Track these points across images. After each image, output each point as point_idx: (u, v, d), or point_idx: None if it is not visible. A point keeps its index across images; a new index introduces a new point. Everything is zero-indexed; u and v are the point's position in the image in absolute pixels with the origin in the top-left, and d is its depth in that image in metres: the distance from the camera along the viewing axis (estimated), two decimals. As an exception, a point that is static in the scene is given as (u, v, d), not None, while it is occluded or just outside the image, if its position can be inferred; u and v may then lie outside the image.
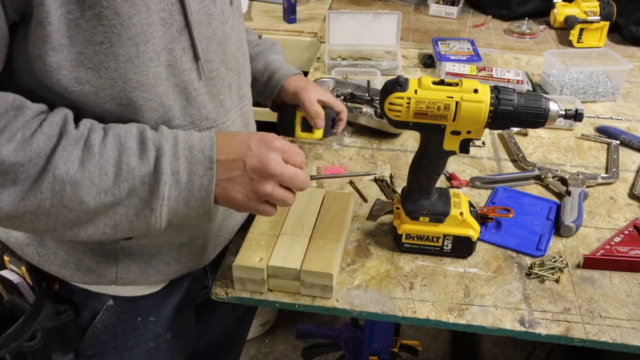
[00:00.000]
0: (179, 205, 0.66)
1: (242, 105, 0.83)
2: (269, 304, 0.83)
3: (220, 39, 0.74)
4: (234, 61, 0.78)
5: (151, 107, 0.68)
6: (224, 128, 0.78)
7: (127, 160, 0.63)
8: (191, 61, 0.70)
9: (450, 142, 0.82)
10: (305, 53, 1.76)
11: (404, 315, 0.80)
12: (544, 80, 1.47)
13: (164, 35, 0.65)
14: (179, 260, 0.83)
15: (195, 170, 0.65)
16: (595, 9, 1.69)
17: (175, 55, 0.68)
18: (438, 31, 1.84)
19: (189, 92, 0.71)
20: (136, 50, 0.63)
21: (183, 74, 0.69)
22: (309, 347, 1.49)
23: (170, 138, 0.66)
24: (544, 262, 0.89)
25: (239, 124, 0.83)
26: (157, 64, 0.66)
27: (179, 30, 0.67)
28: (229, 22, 0.76)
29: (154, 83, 0.66)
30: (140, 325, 0.86)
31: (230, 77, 0.78)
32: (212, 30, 0.72)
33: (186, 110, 0.72)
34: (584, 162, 1.17)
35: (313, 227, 0.88)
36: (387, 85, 0.80)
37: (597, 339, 0.77)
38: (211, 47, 0.72)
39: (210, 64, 0.73)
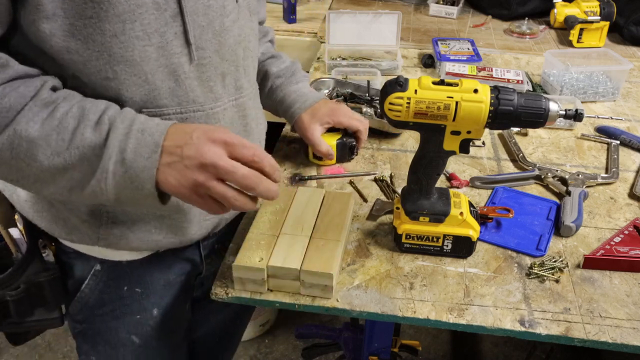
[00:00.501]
0: (125, 183, 0.69)
1: (239, 97, 0.86)
2: (269, 304, 0.83)
3: (217, 30, 0.78)
4: (231, 53, 0.82)
5: (136, 82, 0.73)
6: (211, 114, 0.81)
7: (83, 130, 0.67)
8: (182, 46, 0.75)
9: (450, 142, 0.82)
10: (305, 53, 1.76)
11: (404, 315, 0.80)
12: (544, 80, 1.47)
13: (157, 18, 0.71)
14: (160, 230, 0.85)
15: (141, 152, 0.68)
16: (595, 9, 1.69)
17: (167, 39, 0.73)
18: (438, 31, 1.84)
19: (178, 74, 0.76)
20: (122, 27, 0.68)
21: (173, 57, 0.74)
22: (309, 347, 1.49)
23: (127, 118, 0.70)
24: (544, 262, 0.89)
25: (233, 114, 0.86)
26: (146, 44, 0.71)
27: (173, 16, 0.72)
28: (231, 17, 0.80)
29: (139, 60, 0.72)
30: (126, 295, 0.90)
31: (224, 66, 0.82)
32: (208, 20, 0.76)
33: (174, 92, 0.76)
34: (584, 162, 1.17)
35: (313, 227, 0.88)
36: (387, 85, 0.80)
37: (597, 339, 0.77)
38: (205, 35, 0.77)
39: (203, 51, 0.77)
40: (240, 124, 0.88)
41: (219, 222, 0.94)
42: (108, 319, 0.92)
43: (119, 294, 0.90)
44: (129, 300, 0.91)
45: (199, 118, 0.80)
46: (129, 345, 0.94)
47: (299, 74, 1.13)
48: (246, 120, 0.90)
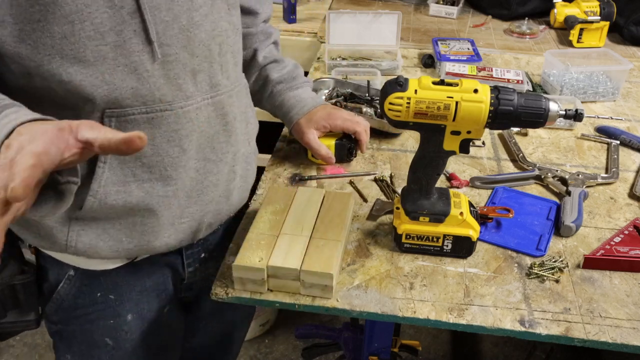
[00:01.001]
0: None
1: (215, 95, 0.83)
2: (269, 304, 0.83)
3: (185, 25, 0.75)
4: (203, 49, 0.79)
5: (93, 83, 0.71)
6: (182, 113, 0.78)
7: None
8: (143, 43, 0.72)
9: (450, 142, 0.82)
10: (305, 53, 1.76)
11: (404, 315, 0.80)
12: (544, 80, 1.47)
13: (112, 16, 0.69)
14: (131, 239, 0.83)
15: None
16: (595, 9, 1.69)
17: (124, 37, 0.70)
18: (438, 31, 1.84)
19: (140, 73, 0.73)
20: (71, 28, 0.67)
21: (132, 55, 0.72)
22: (309, 347, 1.49)
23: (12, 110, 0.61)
24: (544, 262, 0.89)
25: (210, 113, 0.83)
26: (100, 43, 0.69)
27: (131, 13, 0.70)
28: (201, 11, 0.77)
29: (93, 60, 0.70)
30: (99, 301, 0.90)
31: (194, 63, 0.78)
32: (173, 15, 0.74)
33: (137, 91, 0.74)
34: (584, 162, 1.17)
35: (313, 227, 0.88)
36: (387, 85, 0.80)
37: (597, 339, 0.77)
38: (170, 31, 0.74)
39: (168, 47, 0.75)
40: (218, 123, 0.85)
41: (199, 227, 0.89)
42: (82, 321, 0.91)
43: (93, 299, 0.89)
44: (102, 305, 0.90)
45: (168, 117, 0.77)
46: (103, 348, 0.93)
47: (300, 79, 1.12)
48: (226, 119, 0.86)
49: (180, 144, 0.80)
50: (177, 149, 0.80)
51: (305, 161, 1.14)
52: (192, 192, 0.85)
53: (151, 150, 0.78)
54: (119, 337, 0.93)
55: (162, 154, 0.78)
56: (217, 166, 0.87)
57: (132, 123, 0.75)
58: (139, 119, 0.75)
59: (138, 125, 0.76)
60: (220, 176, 0.88)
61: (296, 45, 1.77)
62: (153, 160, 0.78)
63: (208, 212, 0.89)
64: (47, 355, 2.02)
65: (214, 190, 0.88)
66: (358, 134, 1.09)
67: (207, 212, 0.89)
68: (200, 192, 0.86)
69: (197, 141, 0.82)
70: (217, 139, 0.85)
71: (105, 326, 0.92)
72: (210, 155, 0.85)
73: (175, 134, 0.79)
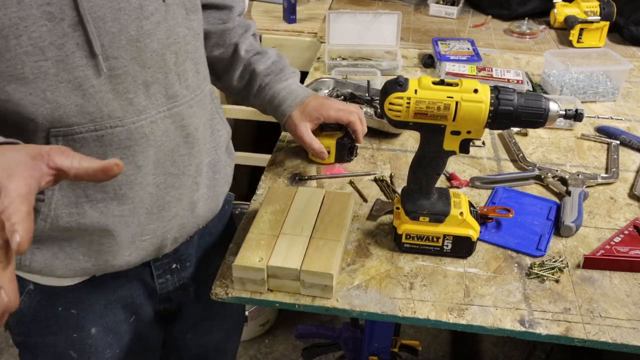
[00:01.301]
0: None
1: (172, 106, 0.79)
2: (269, 304, 0.83)
3: (133, 35, 0.71)
4: (156, 59, 0.75)
5: (34, 102, 0.67)
6: (134, 129, 0.75)
7: None
8: (87, 57, 0.68)
9: (450, 142, 0.82)
10: (305, 53, 1.76)
11: (404, 315, 0.80)
12: (544, 80, 1.47)
13: (51, 30, 0.65)
14: (88, 257, 0.80)
15: None
16: (595, 9, 1.69)
17: (67, 51, 0.67)
18: (438, 31, 1.84)
19: (85, 88, 0.69)
20: (5, 43, 0.63)
21: (76, 70, 0.68)
22: (309, 347, 1.49)
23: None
24: (544, 262, 0.89)
25: (167, 126, 0.79)
26: (39, 59, 0.65)
27: (72, 25, 0.66)
28: (153, 19, 0.73)
29: (33, 77, 0.66)
30: (61, 315, 0.86)
31: (147, 75, 0.74)
32: (120, 25, 0.70)
33: (83, 108, 0.70)
34: (584, 162, 1.17)
35: (313, 227, 0.88)
36: (387, 85, 0.80)
37: (597, 339, 0.77)
38: (117, 43, 0.70)
39: (115, 60, 0.71)
40: (178, 136, 0.81)
41: (163, 243, 0.86)
42: (44, 333, 0.88)
43: (54, 312, 0.86)
44: (64, 319, 0.87)
45: (119, 134, 0.73)
46: (67, 359, 0.90)
47: (287, 70, 1.08)
48: (187, 131, 0.82)
49: (135, 161, 0.76)
50: (131, 166, 0.76)
51: (305, 161, 1.14)
52: (153, 208, 0.81)
53: None
54: (84, 350, 0.90)
55: None
56: (179, 180, 0.83)
57: (80, 142, 0.71)
58: (88, 137, 0.72)
59: (87, 144, 0.72)
60: (184, 190, 0.85)
61: (296, 45, 1.77)
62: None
63: (172, 227, 0.86)
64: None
65: (177, 204, 0.84)
66: (352, 124, 1.06)
67: (171, 227, 0.85)
68: (161, 208, 0.82)
69: (155, 156, 0.78)
70: (178, 151, 0.81)
71: (69, 339, 0.88)
72: (172, 169, 0.82)
73: (128, 151, 0.75)
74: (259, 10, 1.92)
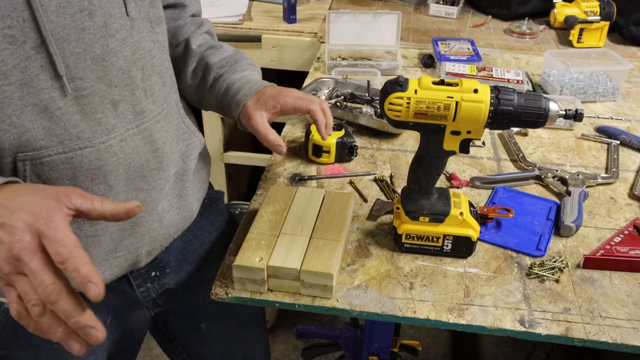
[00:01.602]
0: None
1: (140, 122, 0.79)
2: (269, 304, 0.83)
3: (99, 54, 0.70)
4: (122, 77, 0.74)
5: (0, 127, 0.66)
6: (104, 148, 0.74)
7: None
8: (52, 79, 0.67)
9: (450, 142, 0.82)
10: (305, 53, 1.76)
11: (404, 315, 0.80)
12: (544, 80, 1.47)
13: (14, 53, 0.63)
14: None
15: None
16: (595, 9, 1.69)
17: (31, 74, 0.65)
18: (438, 31, 1.84)
19: (52, 111, 0.68)
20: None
21: (41, 93, 0.67)
22: (309, 347, 1.49)
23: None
24: (544, 262, 0.89)
25: (137, 143, 0.79)
26: (3, 83, 0.64)
27: (35, 47, 0.65)
28: (118, 36, 0.72)
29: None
30: None
31: (115, 94, 0.74)
32: (84, 45, 0.68)
33: (51, 131, 0.69)
34: (584, 162, 1.17)
35: (313, 227, 0.88)
36: (387, 85, 0.80)
37: (597, 339, 0.77)
38: (82, 63, 0.69)
39: (81, 81, 0.70)
40: (147, 151, 0.80)
41: (138, 259, 0.86)
42: (25, 346, 0.85)
43: None
44: None
45: (89, 155, 0.72)
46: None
47: (244, 62, 1.01)
48: (155, 146, 0.81)
49: (106, 181, 0.76)
50: (102, 186, 0.75)
51: (305, 161, 1.14)
52: (125, 225, 0.81)
53: None
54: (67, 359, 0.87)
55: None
56: (150, 194, 0.83)
57: (49, 165, 0.70)
58: (57, 159, 0.71)
59: (56, 166, 0.71)
60: (154, 204, 0.84)
61: (296, 45, 1.77)
62: None
63: (145, 242, 0.85)
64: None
65: (149, 219, 0.84)
66: (313, 113, 0.95)
67: (144, 242, 0.85)
68: (134, 224, 0.82)
69: (125, 174, 0.78)
70: (148, 167, 0.81)
71: (50, 350, 0.86)
72: (142, 185, 0.81)
73: (98, 171, 0.74)
74: (259, 10, 1.92)
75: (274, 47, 1.77)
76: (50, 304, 0.54)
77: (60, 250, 0.53)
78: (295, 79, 1.58)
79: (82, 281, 0.53)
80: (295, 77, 1.65)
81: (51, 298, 0.53)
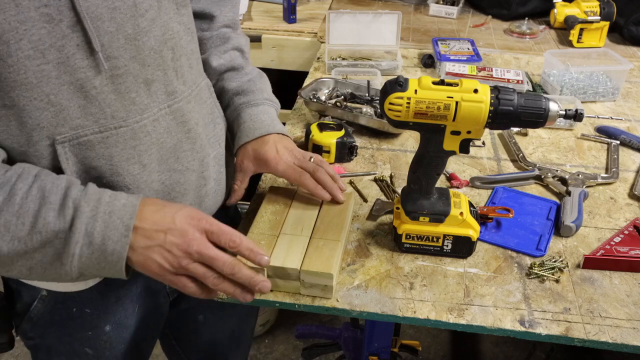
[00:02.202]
0: (91, 263, 0.67)
1: (172, 103, 0.79)
2: (269, 304, 0.83)
3: (131, 34, 0.71)
4: (155, 56, 0.75)
5: (38, 106, 0.67)
6: (138, 128, 0.75)
7: (45, 214, 0.65)
8: (87, 58, 0.68)
9: (450, 142, 0.82)
10: (305, 53, 1.76)
11: (404, 315, 0.80)
12: (544, 80, 1.47)
13: (51, 32, 0.64)
14: None
15: (110, 235, 0.67)
16: (595, 9, 1.69)
17: (67, 53, 0.66)
18: (438, 31, 1.84)
19: (87, 90, 0.69)
20: (7, 48, 0.62)
21: (77, 72, 0.68)
22: (309, 347, 1.49)
23: (93, 200, 0.67)
24: (544, 262, 0.89)
25: (169, 123, 0.79)
26: (41, 62, 0.65)
27: (71, 26, 0.65)
28: (148, 16, 0.72)
29: (36, 82, 0.65)
30: (76, 315, 0.87)
31: (148, 73, 0.74)
32: (116, 25, 0.69)
33: (86, 110, 0.70)
34: (584, 162, 1.17)
35: (313, 227, 0.88)
36: (387, 85, 0.80)
37: (597, 339, 0.77)
38: (116, 42, 0.69)
39: (116, 60, 0.70)
40: (180, 132, 0.81)
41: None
42: (60, 334, 0.89)
43: (69, 314, 0.86)
44: (80, 319, 0.87)
45: (124, 134, 0.74)
46: (83, 356, 0.91)
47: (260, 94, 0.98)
48: (187, 127, 0.82)
49: (140, 160, 0.76)
50: (137, 166, 0.76)
51: (305, 161, 1.14)
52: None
53: (110, 170, 0.74)
54: (99, 346, 0.91)
55: (122, 173, 0.75)
56: (184, 176, 0.83)
57: (86, 145, 0.72)
58: (93, 139, 0.72)
59: (92, 146, 0.72)
60: (189, 185, 0.85)
61: (296, 45, 1.77)
62: (113, 180, 0.75)
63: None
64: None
65: (182, 200, 0.85)
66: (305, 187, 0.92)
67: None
68: None
69: (158, 154, 0.79)
70: (181, 147, 0.82)
71: (84, 337, 0.89)
72: (175, 166, 0.82)
73: (133, 151, 0.75)
74: (259, 10, 1.92)
75: (274, 47, 1.77)
76: (234, 274, 0.70)
77: (233, 238, 0.71)
78: (295, 79, 1.58)
79: (254, 256, 0.71)
80: (295, 77, 1.65)
81: (235, 269, 0.70)
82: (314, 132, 1.12)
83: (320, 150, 1.11)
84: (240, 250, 0.71)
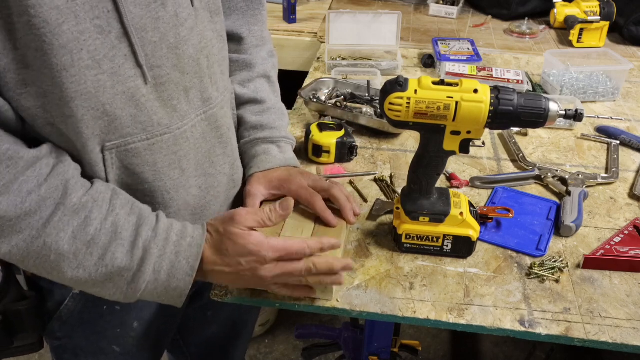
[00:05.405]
0: (153, 296, 0.72)
1: (207, 109, 0.81)
2: (269, 304, 0.83)
3: (172, 43, 0.72)
4: (193, 64, 0.77)
5: (94, 116, 0.68)
6: (179, 134, 0.77)
7: (114, 249, 0.68)
8: (134, 68, 0.69)
9: (450, 142, 0.82)
10: (305, 53, 1.76)
11: (404, 315, 0.80)
12: (544, 80, 1.47)
13: (103, 43, 0.65)
14: None
15: (175, 274, 0.71)
16: (595, 9, 1.69)
17: (118, 63, 0.67)
18: (438, 31, 1.84)
19: (137, 99, 0.71)
20: (71, 58, 0.63)
21: (128, 81, 0.69)
22: (309, 347, 1.49)
23: (161, 239, 0.71)
24: (544, 262, 0.89)
25: (204, 129, 0.81)
26: (98, 72, 0.66)
27: (118, 37, 0.66)
28: (187, 25, 0.74)
29: (94, 92, 0.66)
30: (106, 313, 0.88)
31: (187, 81, 0.76)
32: (160, 35, 0.71)
33: (136, 118, 0.72)
34: (584, 162, 1.17)
35: (313, 228, 0.88)
36: (387, 85, 0.80)
37: (597, 339, 0.77)
38: (159, 52, 0.71)
39: (159, 69, 0.72)
40: (214, 137, 0.84)
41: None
42: (88, 334, 0.90)
43: (99, 312, 0.88)
44: (109, 317, 0.89)
45: (167, 140, 0.76)
46: (110, 354, 0.92)
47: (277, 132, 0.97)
48: (220, 132, 0.85)
49: (180, 165, 0.79)
50: (177, 171, 0.78)
51: (306, 161, 1.14)
52: (196, 209, 0.84)
53: (153, 176, 0.76)
54: (126, 343, 0.92)
55: (164, 178, 0.77)
56: (217, 179, 0.86)
57: (132, 152, 0.73)
58: (140, 146, 0.73)
59: (139, 153, 0.74)
60: (221, 188, 0.87)
61: (296, 45, 1.77)
62: (155, 185, 0.77)
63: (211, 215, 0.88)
64: (46, 356, 2.02)
65: (215, 203, 0.87)
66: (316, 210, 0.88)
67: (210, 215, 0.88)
68: (203, 208, 0.85)
69: (195, 159, 0.81)
70: (214, 152, 0.84)
71: (113, 335, 0.91)
72: (210, 170, 0.84)
73: (174, 156, 0.77)
74: (259, 10, 1.92)
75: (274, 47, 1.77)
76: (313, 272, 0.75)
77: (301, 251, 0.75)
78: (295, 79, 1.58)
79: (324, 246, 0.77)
80: (295, 77, 1.65)
81: (312, 270, 0.75)
82: (313, 132, 1.12)
83: (320, 150, 1.11)
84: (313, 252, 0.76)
